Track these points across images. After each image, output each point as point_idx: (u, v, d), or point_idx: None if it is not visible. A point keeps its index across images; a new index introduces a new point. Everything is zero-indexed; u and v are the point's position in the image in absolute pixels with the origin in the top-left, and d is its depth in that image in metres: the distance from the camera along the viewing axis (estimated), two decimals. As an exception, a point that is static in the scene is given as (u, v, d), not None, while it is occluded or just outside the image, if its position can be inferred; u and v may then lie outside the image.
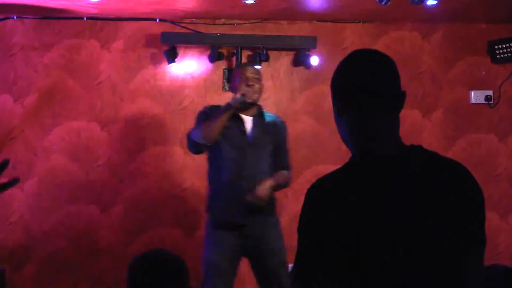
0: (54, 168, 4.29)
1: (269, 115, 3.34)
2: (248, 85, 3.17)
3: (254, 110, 3.25)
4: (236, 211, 3.10)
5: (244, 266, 3.32)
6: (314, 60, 4.31)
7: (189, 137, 3.25)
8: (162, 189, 4.36)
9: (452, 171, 1.35)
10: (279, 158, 3.27)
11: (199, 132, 3.15)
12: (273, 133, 3.25)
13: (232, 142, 3.15)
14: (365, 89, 1.36)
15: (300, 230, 1.37)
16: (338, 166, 1.42)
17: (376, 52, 1.43)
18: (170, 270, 1.84)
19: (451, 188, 1.31)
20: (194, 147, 3.24)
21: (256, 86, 3.20)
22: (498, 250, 4.34)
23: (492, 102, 4.49)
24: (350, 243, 1.26)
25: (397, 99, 1.39)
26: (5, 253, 4.23)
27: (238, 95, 3.14)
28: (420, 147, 1.37)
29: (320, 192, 1.36)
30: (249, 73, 3.22)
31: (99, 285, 4.29)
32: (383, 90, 1.37)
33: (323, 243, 1.28)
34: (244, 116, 3.22)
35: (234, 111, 3.14)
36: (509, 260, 4.26)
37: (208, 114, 3.22)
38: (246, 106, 3.18)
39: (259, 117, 3.26)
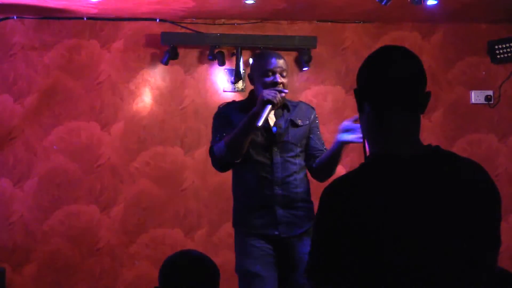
0: (54, 168, 4.29)
1: (294, 103, 2.85)
2: (274, 83, 2.64)
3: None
4: (269, 222, 2.70)
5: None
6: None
7: (212, 154, 2.71)
8: (162, 189, 4.36)
9: (473, 171, 1.34)
10: (314, 148, 2.76)
11: (224, 150, 2.62)
12: (302, 124, 2.77)
13: (255, 142, 2.68)
14: (393, 87, 1.34)
15: (318, 230, 1.33)
16: (338, 167, 1.41)
17: (405, 50, 1.39)
18: (203, 272, 1.82)
19: (473, 188, 1.31)
20: (221, 165, 2.73)
21: (284, 81, 2.67)
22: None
23: (492, 102, 4.49)
24: (372, 243, 1.24)
25: (423, 98, 1.38)
26: (5, 253, 4.23)
27: (266, 96, 2.57)
28: (438, 147, 1.36)
29: (340, 193, 1.32)
30: (274, 66, 2.66)
31: (99, 285, 4.29)
32: (411, 89, 1.35)
33: (344, 243, 1.26)
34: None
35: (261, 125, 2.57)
36: (509, 260, 4.25)
37: (226, 117, 2.74)
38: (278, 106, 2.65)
39: (282, 108, 2.76)
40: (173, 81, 4.40)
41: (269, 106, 2.56)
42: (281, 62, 2.70)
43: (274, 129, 2.72)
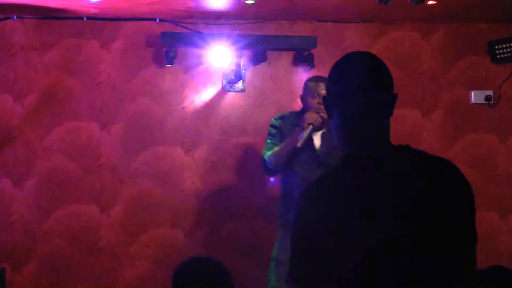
0: (54, 168, 4.29)
1: None
2: (320, 103, 3.09)
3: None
4: None
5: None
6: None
7: (264, 160, 3.24)
8: (162, 189, 4.36)
9: (442, 169, 1.36)
10: None
11: (273, 160, 3.16)
12: None
13: (301, 160, 3.13)
14: (358, 95, 1.38)
15: (294, 235, 1.37)
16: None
17: (370, 55, 1.45)
18: (216, 278, 1.84)
19: (444, 185, 1.33)
20: (271, 172, 3.26)
21: None
22: (498, 250, 4.33)
23: (492, 102, 4.49)
24: (343, 244, 1.26)
25: (390, 101, 1.41)
26: (5, 253, 4.23)
27: (308, 119, 3.07)
28: (407, 147, 1.39)
29: (312, 196, 1.37)
30: (323, 89, 3.13)
31: (99, 285, 4.29)
32: (376, 94, 1.39)
33: (317, 246, 1.28)
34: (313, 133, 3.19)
35: (307, 139, 3.08)
36: (509, 260, 4.25)
37: (279, 129, 3.25)
38: (320, 128, 3.14)
39: (328, 132, 3.16)
40: (173, 81, 4.40)
41: (310, 127, 3.04)
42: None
43: (319, 150, 3.15)
